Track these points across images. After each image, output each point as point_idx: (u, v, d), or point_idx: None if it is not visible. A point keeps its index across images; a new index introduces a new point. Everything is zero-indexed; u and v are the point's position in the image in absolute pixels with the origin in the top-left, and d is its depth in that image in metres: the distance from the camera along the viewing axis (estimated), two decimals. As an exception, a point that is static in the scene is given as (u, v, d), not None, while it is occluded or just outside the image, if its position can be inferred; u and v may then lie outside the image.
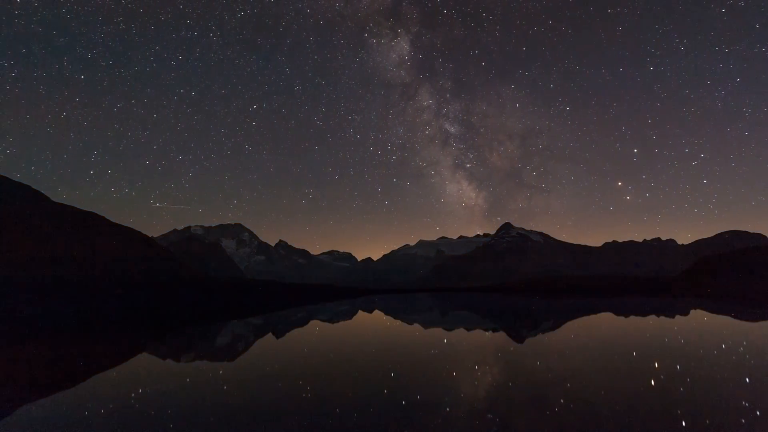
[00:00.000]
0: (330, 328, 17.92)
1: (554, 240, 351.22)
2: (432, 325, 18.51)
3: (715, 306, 29.39)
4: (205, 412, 5.66)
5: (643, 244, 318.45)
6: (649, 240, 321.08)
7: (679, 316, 20.98)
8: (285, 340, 13.99)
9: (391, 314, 26.55)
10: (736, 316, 20.64)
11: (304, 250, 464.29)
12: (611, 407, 5.43)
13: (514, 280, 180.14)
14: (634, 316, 20.84)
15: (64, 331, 17.97)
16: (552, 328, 16.29)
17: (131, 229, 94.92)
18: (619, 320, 19.19)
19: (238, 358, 10.65)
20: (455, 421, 5.05)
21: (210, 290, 54.24)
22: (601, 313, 23.69)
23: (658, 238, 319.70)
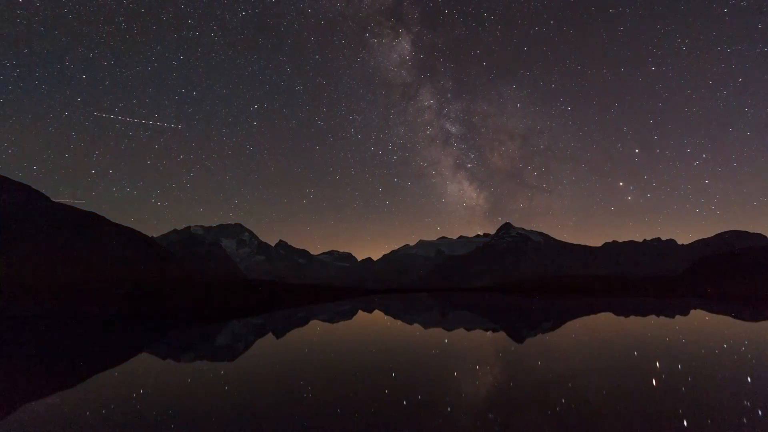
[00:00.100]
0: (330, 328, 17.92)
1: (554, 240, 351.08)
2: (432, 325, 18.51)
3: (715, 306, 29.39)
4: (206, 412, 5.66)
5: (643, 244, 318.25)
6: (649, 240, 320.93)
7: (679, 316, 20.98)
8: (285, 340, 13.99)
9: (391, 314, 26.55)
10: (736, 316, 20.64)
11: (304, 250, 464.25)
12: (612, 407, 5.43)
13: (514, 280, 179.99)
14: (634, 316, 20.84)
15: (63, 331, 17.97)
16: (552, 328, 16.29)
17: (131, 229, 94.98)
18: (619, 320, 19.19)
19: (238, 358, 10.65)
20: (456, 421, 5.05)
21: (210, 290, 54.23)
22: (601, 313, 23.69)
23: (658, 238, 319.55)
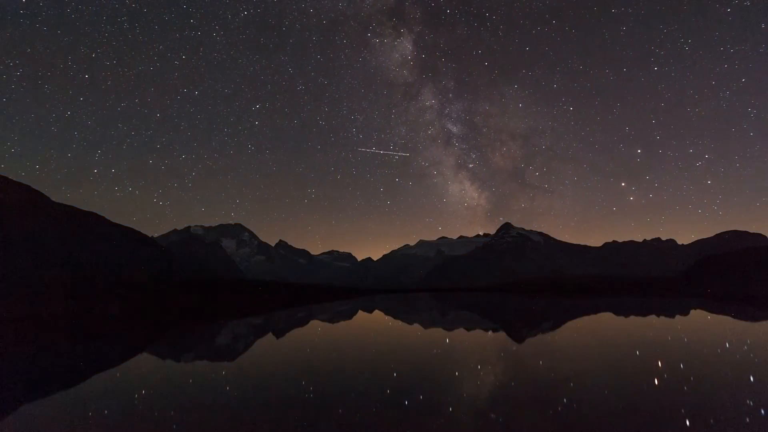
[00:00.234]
0: (330, 328, 17.91)
1: (554, 240, 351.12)
2: (432, 325, 18.50)
3: (715, 306, 29.38)
4: (206, 412, 5.65)
5: (643, 244, 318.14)
6: (649, 240, 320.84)
7: (679, 316, 20.98)
8: (285, 340, 13.98)
9: (391, 314, 26.54)
10: (736, 317, 20.64)
11: (304, 250, 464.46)
12: (613, 407, 5.42)
13: (514, 280, 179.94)
14: (634, 316, 20.84)
15: (64, 331, 17.97)
16: (552, 328, 16.29)
17: (131, 228, 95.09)
18: (619, 320, 19.18)
19: (239, 357, 10.65)
20: (458, 421, 5.04)
21: (210, 290, 54.21)
22: (601, 313, 23.69)
23: (658, 238, 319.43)
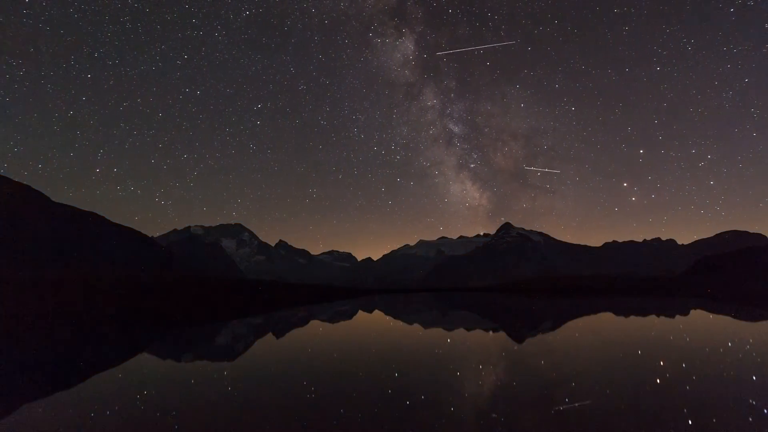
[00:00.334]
0: (330, 328, 17.91)
1: (554, 240, 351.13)
2: (432, 325, 18.50)
3: (715, 306, 29.37)
4: (206, 412, 5.65)
5: (643, 244, 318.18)
6: (649, 240, 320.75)
7: (679, 316, 20.97)
8: (285, 340, 13.98)
9: (391, 314, 26.54)
10: (736, 316, 20.63)
11: (304, 250, 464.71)
12: (614, 407, 5.42)
13: (514, 280, 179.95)
14: (634, 316, 20.84)
15: (63, 331, 17.96)
16: (552, 328, 16.29)
17: (131, 228, 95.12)
18: (619, 320, 19.18)
19: (238, 358, 10.64)
20: (460, 421, 5.04)
21: (210, 290, 54.20)
22: (601, 313, 23.68)
23: (658, 238, 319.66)
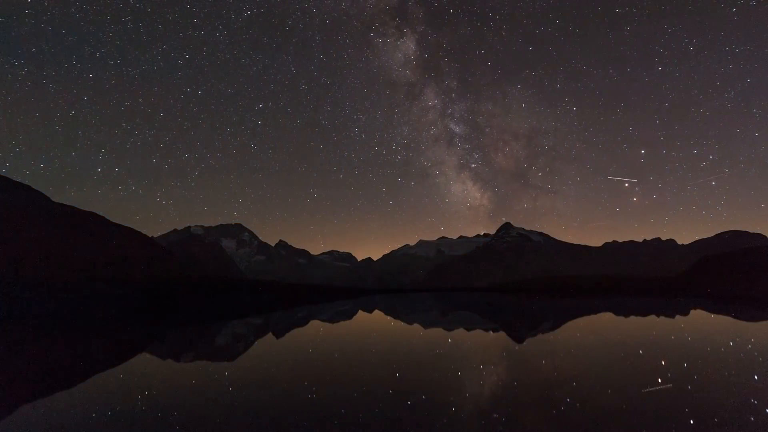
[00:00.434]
0: (331, 328, 17.91)
1: (554, 240, 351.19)
2: (432, 325, 18.51)
3: (715, 306, 29.38)
4: (206, 412, 5.65)
5: (643, 243, 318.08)
6: (649, 240, 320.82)
7: (679, 316, 20.98)
8: (285, 340, 13.98)
9: (392, 314, 26.54)
10: (736, 317, 20.64)
11: (304, 250, 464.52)
12: (615, 407, 5.42)
13: (514, 280, 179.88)
14: (634, 316, 20.84)
15: (63, 332, 17.96)
16: (552, 328, 16.29)
17: (131, 228, 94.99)
18: (619, 320, 19.18)
19: (238, 358, 10.65)
20: (460, 421, 5.04)
21: (210, 290, 54.22)
22: (601, 313, 23.68)
23: (658, 238, 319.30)
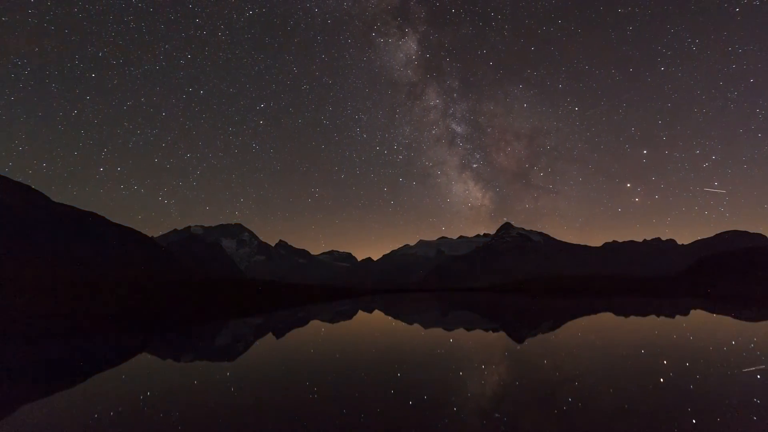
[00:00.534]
0: (330, 328, 17.91)
1: (554, 240, 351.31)
2: (432, 325, 18.50)
3: (715, 306, 29.38)
4: (206, 412, 5.65)
5: (642, 244, 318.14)
6: (649, 240, 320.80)
7: (679, 316, 20.98)
8: (285, 340, 13.98)
9: (392, 314, 26.54)
10: (736, 317, 20.64)
11: (304, 250, 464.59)
12: (616, 407, 5.42)
13: (514, 280, 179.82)
14: (634, 316, 20.84)
15: (63, 332, 17.96)
16: (552, 328, 16.29)
17: (131, 228, 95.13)
18: (619, 320, 19.18)
19: (238, 358, 10.64)
20: (462, 421, 5.04)
21: (210, 290, 54.22)
22: (601, 313, 23.68)
23: (658, 238, 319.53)
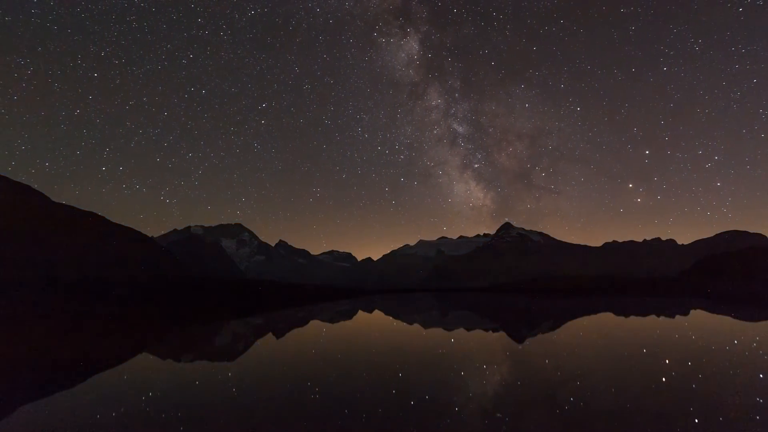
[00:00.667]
0: (330, 328, 17.92)
1: (554, 240, 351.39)
2: (432, 326, 18.51)
3: (715, 306, 29.38)
4: (206, 412, 5.65)
5: (642, 244, 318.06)
6: (649, 240, 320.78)
7: (680, 316, 20.98)
8: (285, 340, 13.98)
9: (392, 314, 26.55)
10: (736, 317, 20.64)
11: (304, 250, 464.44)
12: (617, 407, 5.42)
13: (514, 280, 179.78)
14: (634, 316, 20.84)
15: (63, 332, 17.96)
16: (552, 328, 16.29)
17: (131, 228, 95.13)
18: (619, 320, 19.19)
19: (238, 358, 10.65)
20: (463, 421, 5.04)
21: (210, 290, 54.21)
22: (601, 313, 23.68)
23: (658, 238, 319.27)
